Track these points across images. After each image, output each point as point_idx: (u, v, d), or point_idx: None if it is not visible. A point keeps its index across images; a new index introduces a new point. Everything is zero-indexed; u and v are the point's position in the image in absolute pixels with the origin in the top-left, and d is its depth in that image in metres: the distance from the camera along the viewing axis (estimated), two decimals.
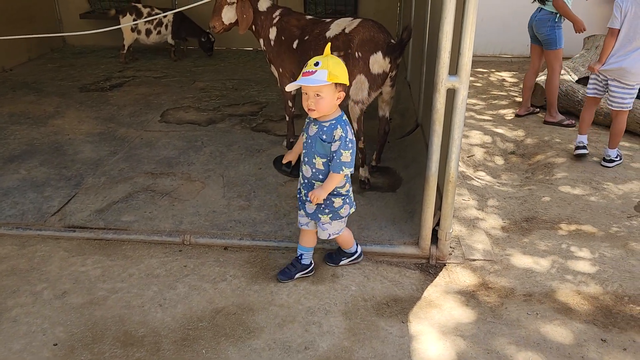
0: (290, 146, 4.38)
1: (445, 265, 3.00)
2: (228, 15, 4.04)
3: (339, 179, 2.57)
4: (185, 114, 5.21)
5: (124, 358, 2.32)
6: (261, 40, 4.15)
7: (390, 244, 3.10)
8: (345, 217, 2.75)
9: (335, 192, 2.64)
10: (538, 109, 5.34)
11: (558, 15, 4.82)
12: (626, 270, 2.94)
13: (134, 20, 6.61)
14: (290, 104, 4.25)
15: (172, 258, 3.02)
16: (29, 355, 2.33)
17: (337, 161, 2.51)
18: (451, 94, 2.67)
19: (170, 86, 6.07)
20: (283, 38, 3.96)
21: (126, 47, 6.97)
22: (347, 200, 2.70)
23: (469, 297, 2.74)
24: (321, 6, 7.41)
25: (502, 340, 2.44)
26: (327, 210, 2.67)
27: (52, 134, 4.66)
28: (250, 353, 2.36)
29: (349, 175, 2.65)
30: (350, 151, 2.51)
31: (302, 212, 2.75)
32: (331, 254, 2.99)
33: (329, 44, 2.61)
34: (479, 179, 4.12)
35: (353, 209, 2.77)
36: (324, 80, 2.41)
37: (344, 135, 2.50)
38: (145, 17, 6.62)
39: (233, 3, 3.99)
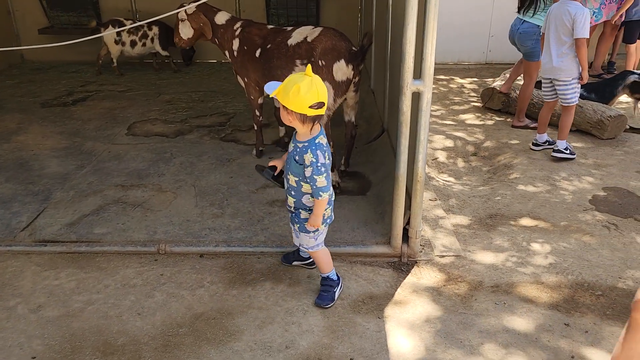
0: (259, 155, 4.45)
1: (416, 262, 3.11)
2: (184, 31, 4.22)
3: (323, 204, 2.53)
4: (153, 126, 5.21)
5: None
6: (226, 53, 4.23)
7: (363, 244, 3.19)
8: (315, 232, 2.66)
9: (302, 206, 2.63)
10: (533, 122, 5.19)
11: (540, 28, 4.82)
12: (584, 259, 3.12)
13: (118, 33, 6.67)
14: (257, 113, 4.32)
15: (148, 267, 3.03)
16: None
17: (314, 187, 2.49)
18: (416, 97, 2.80)
19: (135, 99, 6.04)
20: (246, 48, 4.05)
21: (115, 61, 6.99)
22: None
23: (440, 291, 2.85)
24: (284, 18, 7.53)
25: (473, 330, 2.56)
26: (296, 220, 2.67)
27: (16, 150, 4.59)
28: (232, 355, 2.40)
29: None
30: (324, 175, 2.47)
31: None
32: (322, 295, 2.76)
33: (309, 65, 2.47)
34: (443, 180, 4.27)
35: (324, 226, 2.67)
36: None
37: (314, 160, 2.45)
38: (129, 29, 6.66)
39: (184, 20, 4.12)
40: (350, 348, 2.44)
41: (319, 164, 2.46)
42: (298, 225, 2.68)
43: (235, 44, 4.10)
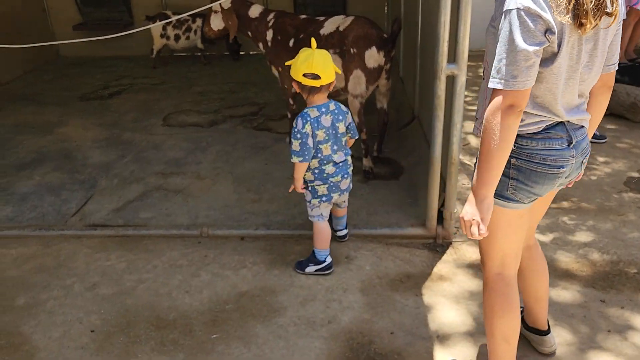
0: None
1: (451, 243, 3.18)
2: (215, 22, 4.36)
3: (297, 168, 2.74)
4: (187, 117, 5.36)
5: (159, 339, 2.47)
6: (260, 44, 4.34)
7: (399, 227, 3.27)
8: (309, 202, 2.86)
9: (304, 178, 2.83)
10: None
11: None
12: (619, 239, 3.15)
13: (164, 27, 6.89)
14: (291, 101, 4.42)
15: (192, 249, 3.16)
16: (68, 342, 2.46)
17: (290, 150, 2.73)
18: (450, 81, 2.86)
19: (168, 92, 6.21)
20: (279, 38, 4.15)
21: (155, 52, 7.19)
22: (310, 189, 2.85)
23: (476, 270, 2.92)
24: (311, 7, 7.60)
25: None
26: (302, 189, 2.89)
27: (60, 142, 4.78)
28: (277, 329, 2.52)
29: (313, 168, 2.78)
30: (299, 142, 2.64)
31: None
32: (301, 261, 2.97)
33: (313, 39, 2.73)
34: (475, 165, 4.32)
35: (317, 201, 2.84)
36: None
37: (294, 126, 2.69)
38: (173, 23, 6.86)
39: (218, 12, 4.25)
40: (391, 323, 2.54)
41: (296, 130, 2.67)
42: (304, 194, 2.93)
43: (269, 34, 4.20)
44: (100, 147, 4.63)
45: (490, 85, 1.58)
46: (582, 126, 1.77)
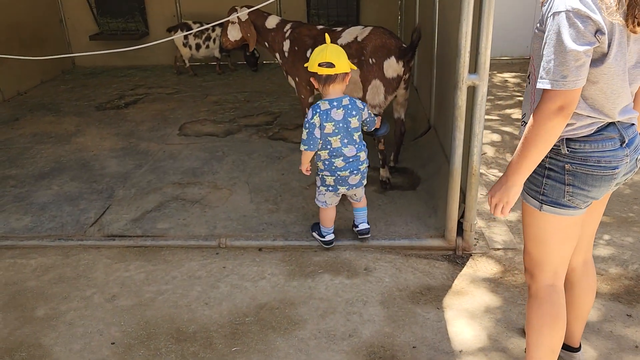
0: None
1: (471, 255, 3.14)
2: (232, 33, 4.39)
3: (304, 155, 2.98)
4: (203, 126, 5.38)
5: (180, 352, 2.45)
6: (277, 55, 4.35)
7: (418, 238, 3.25)
8: (318, 187, 3.10)
9: (316, 165, 3.07)
10: None
11: None
12: None
13: (185, 36, 7.00)
14: (307, 111, 4.41)
15: (210, 260, 3.16)
16: (89, 354, 2.46)
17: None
18: (471, 91, 2.84)
19: (183, 101, 6.24)
20: (296, 48, 4.15)
21: (187, 62, 7.31)
22: (319, 177, 3.09)
23: (497, 283, 2.88)
24: (324, 18, 7.62)
25: None
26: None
27: (77, 151, 4.81)
28: (297, 343, 2.50)
29: (324, 159, 2.99)
30: (307, 131, 2.88)
31: None
32: (317, 223, 3.29)
33: (327, 34, 3.00)
34: (493, 175, 4.28)
35: (324, 189, 3.07)
36: None
37: (307, 117, 2.90)
38: (195, 33, 6.94)
39: (235, 23, 4.28)
40: (412, 337, 2.51)
41: (305, 120, 2.90)
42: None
43: (286, 45, 4.21)
44: (117, 157, 4.66)
45: (540, 85, 1.60)
46: (632, 124, 1.77)
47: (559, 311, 1.91)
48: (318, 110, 2.87)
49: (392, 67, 3.66)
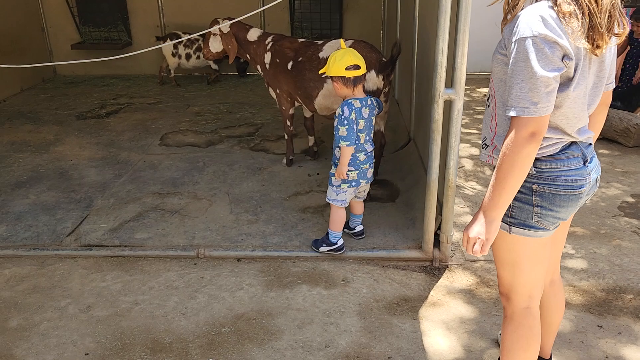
0: (289, 163, 4.57)
1: (448, 266, 3.18)
2: (214, 45, 4.43)
3: (345, 152, 3.00)
4: (184, 137, 5.37)
5: None
6: (258, 67, 4.39)
7: (395, 249, 3.28)
8: (336, 187, 3.12)
9: (335, 161, 3.11)
10: None
11: None
12: (615, 264, 3.16)
13: (175, 46, 7.02)
14: (288, 123, 4.45)
15: (188, 271, 3.15)
16: None
17: (336, 136, 3.00)
18: (447, 105, 2.89)
19: (165, 111, 6.23)
20: (278, 60, 4.19)
21: (172, 72, 7.31)
22: None
23: (472, 294, 2.92)
24: (307, 31, 7.69)
25: None
26: (330, 174, 3.17)
27: (56, 160, 4.77)
28: (274, 353, 2.50)
29: (351, 155, 3.05)
30: (346, 127, 2.95)
31: None
32: (317, 240, 3.29)
33: (342, 40, 3.19)
34: (471, 188, 4.34)
35: (347, 185, 3.10)
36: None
37: (340, 113, 2.98)
38: (184, 42, 6.99)
39: (216, 35, 4.32)
40: (388, 347, 2.52)
41: (342, 117, 2.96)
42: (329, 179, 3.17)
43: (267, 57, 4.24)
44: (96, 166, 4.63)
45: (511, 113, 1.58)
46: (590, 143, 1.80)
47: (534, 334, 1.92)
48: (353, 108, 2.99)
49: (372, 80, 3.71)
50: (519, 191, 1.73)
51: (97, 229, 3.56)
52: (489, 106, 1.84)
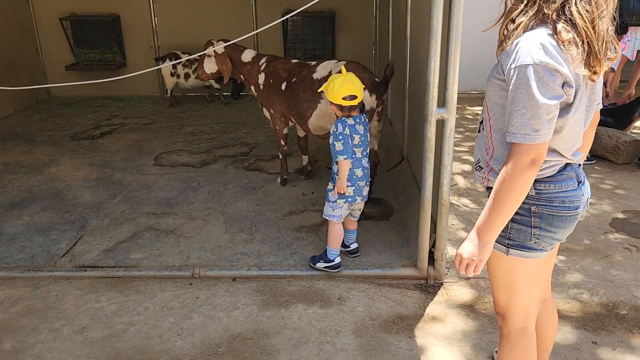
0: (284, 183, 4.60)
1: (442, 284, 3.19)
2: (209, 66, 4.50)
3: (343, 166, 3.08)
4: (178, 157, 5.39)
5: None
6: (252, 87, 4.44)
7: (390, 267, 3.29)
8: (333, 203, 3.17)
9: (332, 177, 3.19)
10: None
11: None
12: (608, 280, 3.19)
13: (174, 66, 7.05)
14: (282, 142, 4.48)
15: (183, 291, 3.14)
16: None
17: (333, 152, 3.09)
18: (440, 124, 2.94)
19: (159, 132, 6.25)
20: (271, 81, 4.25)
21: (169, 92, 7.34)
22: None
23: (468, 311, 2.93)
24: (300, 51, 7.78)
25: None
26: (327, 191, 3.23)
27: (50, 181, 4.77)
28: None
29: (353, 169, 3.13)
30: (342, 141, 3.04)
31: None
32: (315, 256, 3.32)
33: (343, 66, 3.26)
34: (464, 205, 4.38)
35: (343, 201, 3.15)
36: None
37: (334, 130, 3.08)
38: (183, 62, 7.05)
39: (211, 56, 4.38)
40: None
41: (337, 132, 3.06)
42: (326, 195, 3.23)
43: (261, 78, 4.30)
44: (90, 187, 4.63)
45: (512, 139, 1.58)
46: (580, 164, 1.83)
47: (531, 355, 1.93)
48: (347, 124, 3.09)
49: (366, 99, 3.76)
50: (517, 213, 1.73)
51: (92, 249, 3.55)
52: (482, 129, 1.85)
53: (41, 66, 7.94)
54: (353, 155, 3.11)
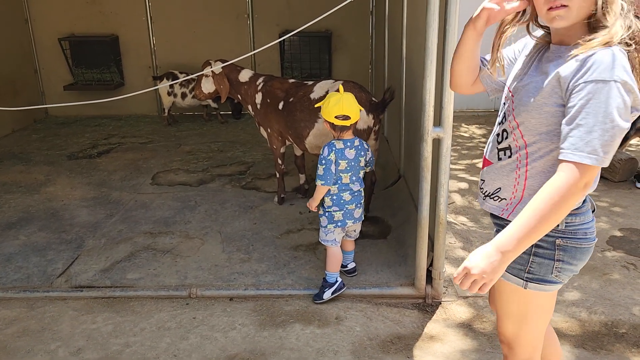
0: (281, 202, 4.60)
1: (440, 303, 3.18)
2: (206, 86, 4.53)
3: (319, 190, 3.10)
4: (176, 176, 5.40)
5: None
6: (249, 107, 4.47)
7: (388, 286, 3.28)
8: (325, 228, 3.17)
9: (321, 202, 3.18)
10: None
11: None
12: (606, 298, 3.19)
13: (171, 85, 7.10)
14: (279, 161, 4.50)
15: (180, 311, 3.12)
16: None
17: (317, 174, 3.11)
18: (436, 143, 2.96)
19: (157, 151, 6.27)
20: (269, 101, 4.28)
21: (166, 111, 7.38)
22: (327, 215, 3.17)
23: (466, 330, 2.92)
24: (297, 71, 7.85)
25: None
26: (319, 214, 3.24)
27: (47, 201, 4.76)
28: None
29: (332, 194, 3.13)
30: (324, 167, 3.05)
31: None
32: (317, 293, 3.22)
33: (341, 85, 3.25)
34: (461, 223, 4.38)
35: (333, 226, 3.15)
36: None
37: (320, 153, 3.10)
38: (181, 81, 7.09)
39: (209, 76, 4.42)
40: None
41: (322, 157, 3.07)
42: (319, 221, 3.24)
43: (258, 97, 4.33)
44: (87, 207, 4.62)
45: (574, 158, 1.43)
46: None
47: None
48: (334, 148, 3.08)
49: (363, 119, 3.79)
50: (540, 246, 1.65)
51: (88, 269, 3.53)
52: (508, 157, 1.70)
53: (39, 86, 7.98)
54: (339, 181, 3.11)
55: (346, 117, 3.04)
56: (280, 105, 4.18)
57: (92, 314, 3.10)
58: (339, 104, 3.03)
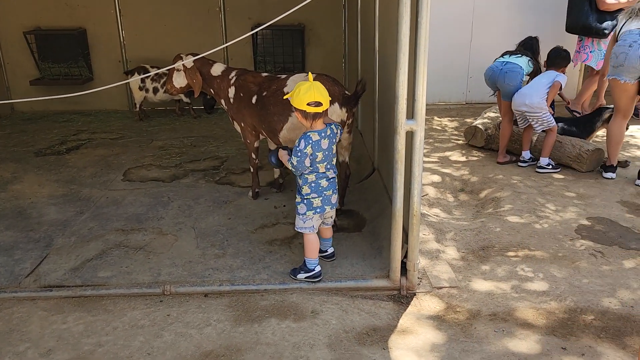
0: (255, 196, 4.57)
1: (415, 294, 3.21)
2: (178, 80, 4.46)
3: (287, 163, 3.19)
4: (148, 172, 5.31)
5: None
6: (222, 101, 4.42)
7: (363, 279, 3.30)
8: (302, 215, 3.21)
9: (298, 190, 3.24)
10: (515, 157, 5.49)
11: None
12: (575, 286, 3.26)
13: (142, 80, 6.95)
14: (254, 156, 4.47)
15: (154, 308, 3.08)
16: None
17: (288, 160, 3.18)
18: (409, 136, 2.98)
19: (128, 146, 6.16)
20: (242, 95, 4.24)
21: (138, 106, 7.23)
22: (305, 202, 3.21)
23: (440, 321, 2.96)
24: (270, 64, 7.79)
25: (475, 356, 2.66)
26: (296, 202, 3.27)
27: (13, 199, 4.64)
28: None
29: (311, 182, 3.17)
30: (298, 159, 3.09)
31: None
32: (295, 268, 3.34)
33: (310, 73, 3.27)
34: (435, 215, 4.43)
35: (312, 212, 3.20)
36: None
37: (296, 145, 3.11)
38: (152, 75, 6.93)
39: (180, 70, 4.35)
40: None
41: (297, 148, 3.09)
42: (296, 209, 3.27)
43: (231, 91, 4.28)
44: (56, 204, 4.52)
45: None
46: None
47: None
48: (310, 141, 3.09)
49: (336, 112, 3.79)
50: None
51: (58, 268, 3.45)
52: None
53: (5, 81, 7.74)
54: (316, 171, 3.16)
55: (319, 104, 3.05)
56: (254, 100, 4.14)
57: (63, 314, 3.03)
58: (310, 91, 3.04)
